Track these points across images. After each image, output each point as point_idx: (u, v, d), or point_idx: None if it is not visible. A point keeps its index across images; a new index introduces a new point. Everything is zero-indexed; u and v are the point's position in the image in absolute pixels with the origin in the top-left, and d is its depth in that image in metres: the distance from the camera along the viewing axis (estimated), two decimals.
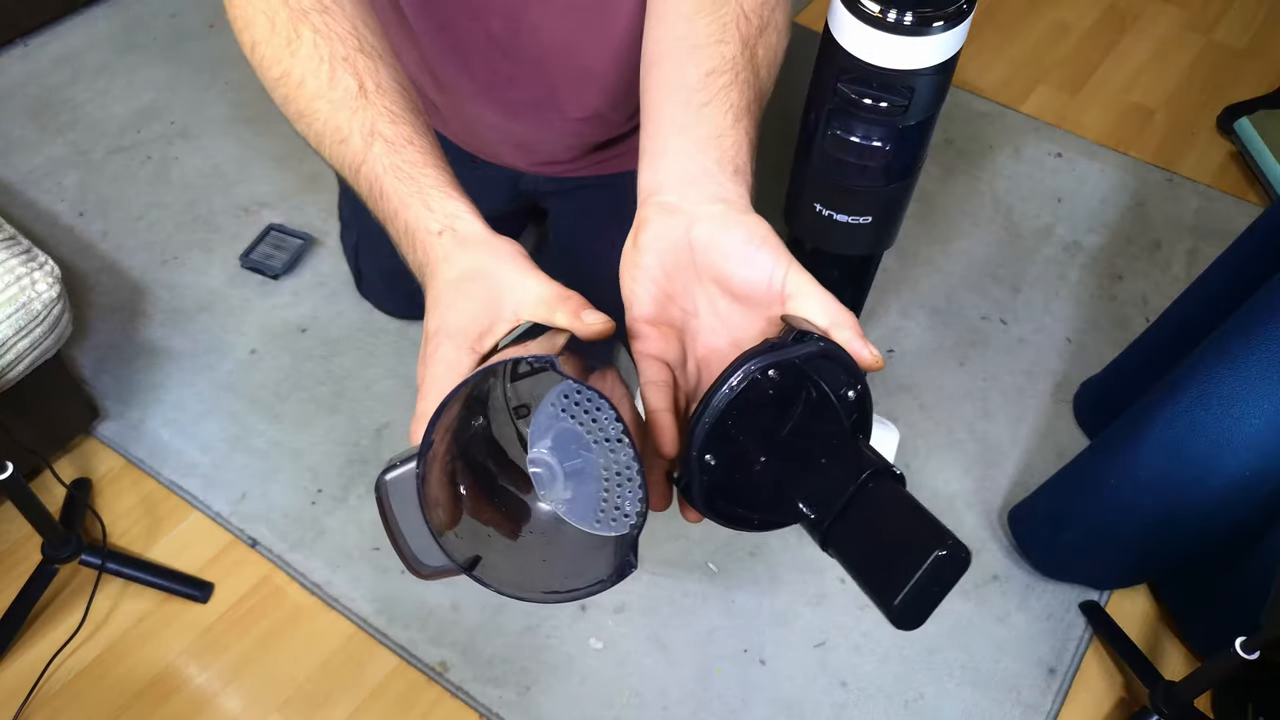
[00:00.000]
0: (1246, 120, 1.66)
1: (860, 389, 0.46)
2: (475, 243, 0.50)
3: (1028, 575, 1.17)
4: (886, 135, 0.82)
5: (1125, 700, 1.09)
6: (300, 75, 0.58)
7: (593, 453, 0.46)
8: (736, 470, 0.46)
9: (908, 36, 0.74)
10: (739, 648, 1.10)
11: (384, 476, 0.46)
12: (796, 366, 0.45)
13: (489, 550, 0.46)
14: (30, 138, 1.59)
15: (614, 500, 0.46)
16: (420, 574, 0.46)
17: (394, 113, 0.56)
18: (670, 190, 0.52)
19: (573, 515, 0.48)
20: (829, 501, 0.44)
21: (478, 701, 1.05)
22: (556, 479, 0.47)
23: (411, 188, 0.53)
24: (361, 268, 1.34)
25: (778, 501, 0.46)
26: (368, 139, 0.55)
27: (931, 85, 0.78)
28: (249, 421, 1.26)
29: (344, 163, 0.57)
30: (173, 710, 1.05)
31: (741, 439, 0.46)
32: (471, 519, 0.47)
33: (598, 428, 0.46)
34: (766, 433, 0.47)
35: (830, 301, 0.47)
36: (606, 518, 0.47)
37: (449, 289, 0.50)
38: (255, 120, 1.63)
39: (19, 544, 1.15)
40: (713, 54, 0.56)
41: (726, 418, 0.44)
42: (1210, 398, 0.91)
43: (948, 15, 0.74)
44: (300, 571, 1.14)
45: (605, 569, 0.45)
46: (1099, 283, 1.48)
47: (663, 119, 0.56)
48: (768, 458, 0.47)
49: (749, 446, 0.47)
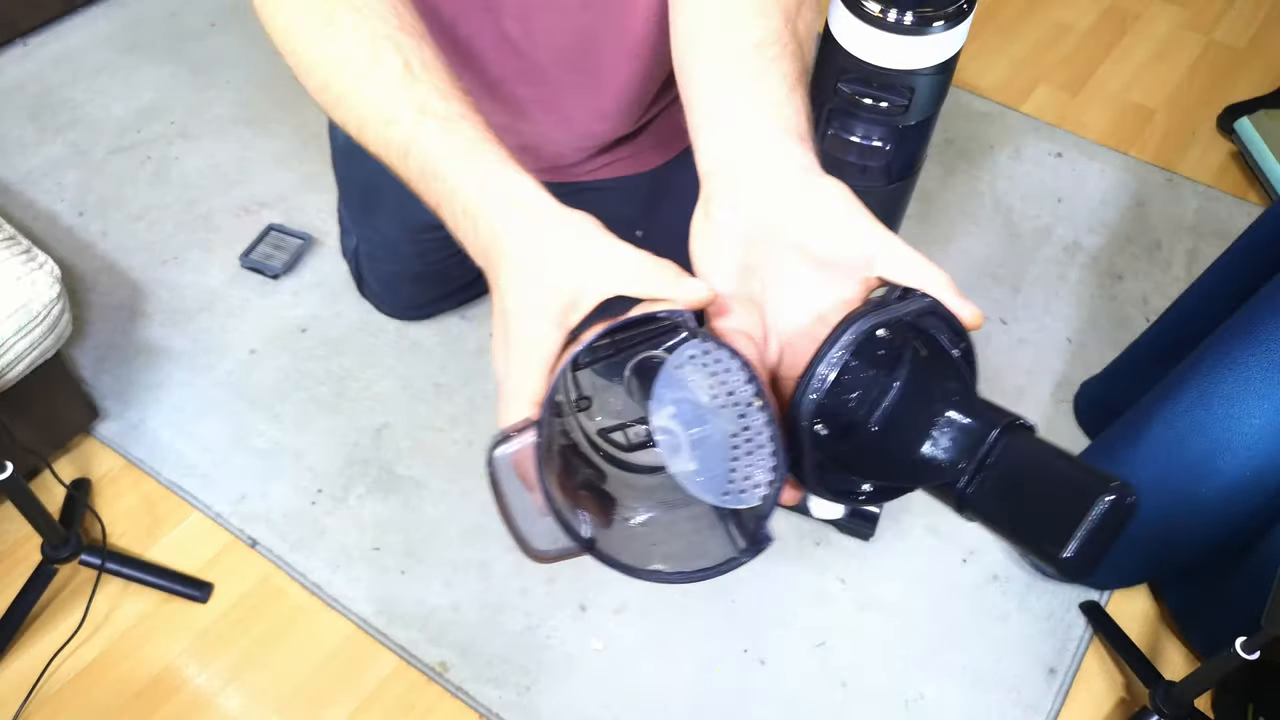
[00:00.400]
0: (1247, 120, 1.66)
1: (965, 346, 0.43)
2: (549, 216, 0.47)
3: (1028, 575, 1.17)
4: (887, 135, 0.82)
5: (1125, 700, 1.09)
6: (341, 56, 0.55)
7: (721, 418, 0.42)
8: (850, 439, 0.43)
9: (908, 36, 0.74)
10: (739, 648, 1.10)
11: (495, 452, 0.41)
12: (907, 324, 0.42)
13: (604, 529, 0.43)
14: (30, 138, 1.59)
15: (744, 470, 0.42)
16: (537, 557, 0.42)
17: (443, 90, 0.53)
18: (740, 159, 0.49)
19: (699, 487, 0.43)
20: (961, 461, 0.42)
21: (477, 702, 1.05)
22: (681, 448, 0.43)
23: (471, 165, 0.49)
24: (362, 272, 1.34)
25: (898, 468, 0.43)
26: (418, 118, 0.52)
27: (932, 85, 0.78)
28: (249, 421, 1.26)
29: (390, 146, 0.53)
30: (172, 710, 1.05)
31: (854, 404, 0.43)
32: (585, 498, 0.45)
33: (726, 390, 0.42)
34: (879, 396, 0.44)
35: (922, 260, 0.44)
36: (735, 489, 0.42)
37: (525, 264, 0.46)
38: (255, 120, 1.63)
39: (18, 544, 1.15)
40: (757, 27, 0.54)
41: (838, 383, 0.41)
42: (1211, 398, 0.91)
43: (948, 15, 0.74)
44: (300, 572, 1.14)
45: (731, 545, 0.42)
46: (1099, 283, 1.48)
47: (715, 92, 0.53)
48: (885, 422, 0.44)
49: (862, 412, 0.44)
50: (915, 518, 1.21)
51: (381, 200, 1.17)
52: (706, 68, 0.55)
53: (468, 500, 1.20)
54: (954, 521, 1.20)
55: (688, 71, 0.56)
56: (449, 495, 1.20)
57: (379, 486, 1.21)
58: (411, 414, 1.27)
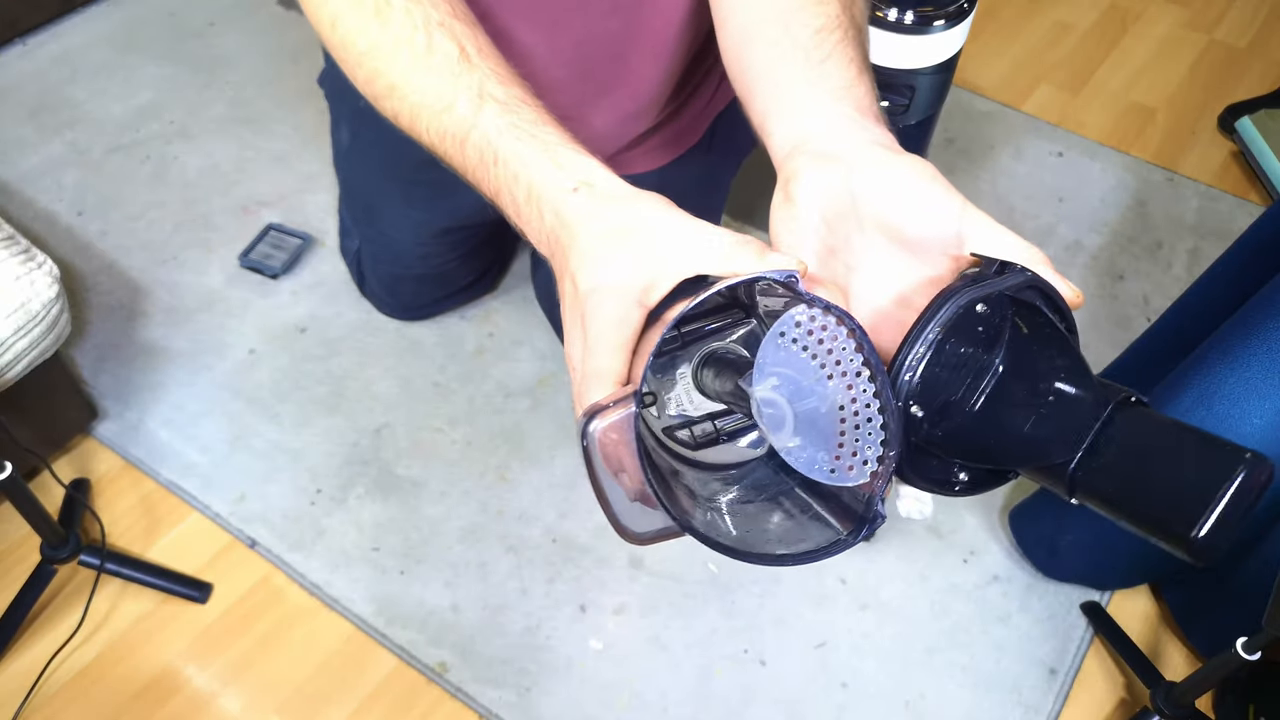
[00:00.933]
0: (1248, 119, 1.66)
1: (1069, 324, 0.40)
2: (622, 196, 0.46)
3: (1029, 576, 1.16)
4: None
5: (1126, 701, 1.09)
6: (393, 45, 0.54)
7: (828, 390, 0.40)
8: (949, 421, 0.41)
9: (908, 35, 0.74)
10: (739, 648, 1.10)
11: (590, 426, 0.39)
12: (1007, 299, 0.39)
13: (692, 511, 0.42)
14: (29, 137, 1.59)
15: (851, 445, 0.40)
16: (634, 539, 0.41)
17: (501, 74, 0.52)
18: (819, 138, 0.47)
19: (804, 464, 0.40)
20: (1072, 441, 0.38)
21: (477, 702, 1.05)
22: (786, 422, 0.40)
23: (535, 146, 0.48)
24: (364, 273, 1.34)
25: (1002, 449, 0.41)
26: (476, 103, 0.51)
27: (932, 84, 0.78)
28: (248, 422, 1.26)
29: (447, 133, 0.52)
30: (172, 711, 1.04)
31: (952, 385, 0.41)
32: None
33: (834, 360, 0.40)
34: (980, 374, 0.41)
35: (1016, 237, 0.42)
36: (843, 465, 0.40)
37: (600, 244, 0.44)
38: (254, 120, 1.63)
39: (18, 544, 1.15)
40: (817, 13, 0.54)
41: (935, 362, 0.39)
42: (1212, 398, 0.91)
43: (948, 14, 0.73)
44: (299, 572, 1.13)
45: (837, 527, 0.40)
46: (1100, 282, 1.48)
47: (783, 80, 0.52)
48: (987, 401, 0.41)
49: (961, 392, 0.41)
50: (916, 518, 1.20)
51: (387, 203, 1.16)
52: (770, 59, 0.53)
53: (467, 500, 1.20)
54: (955, 522, 1.20)
55: (748, 64, 0.55)
56: (448, 495, 1.20)
57: (378, 487, 1.21)
58: (411, 414, 1.27)
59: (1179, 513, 0.35)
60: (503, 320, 1.38)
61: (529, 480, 1.22)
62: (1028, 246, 0.42)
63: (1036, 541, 1.14)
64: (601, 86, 0.91)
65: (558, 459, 1.23)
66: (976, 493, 0.43)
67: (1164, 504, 0.36)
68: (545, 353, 1.35)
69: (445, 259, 1.23)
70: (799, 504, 0.43)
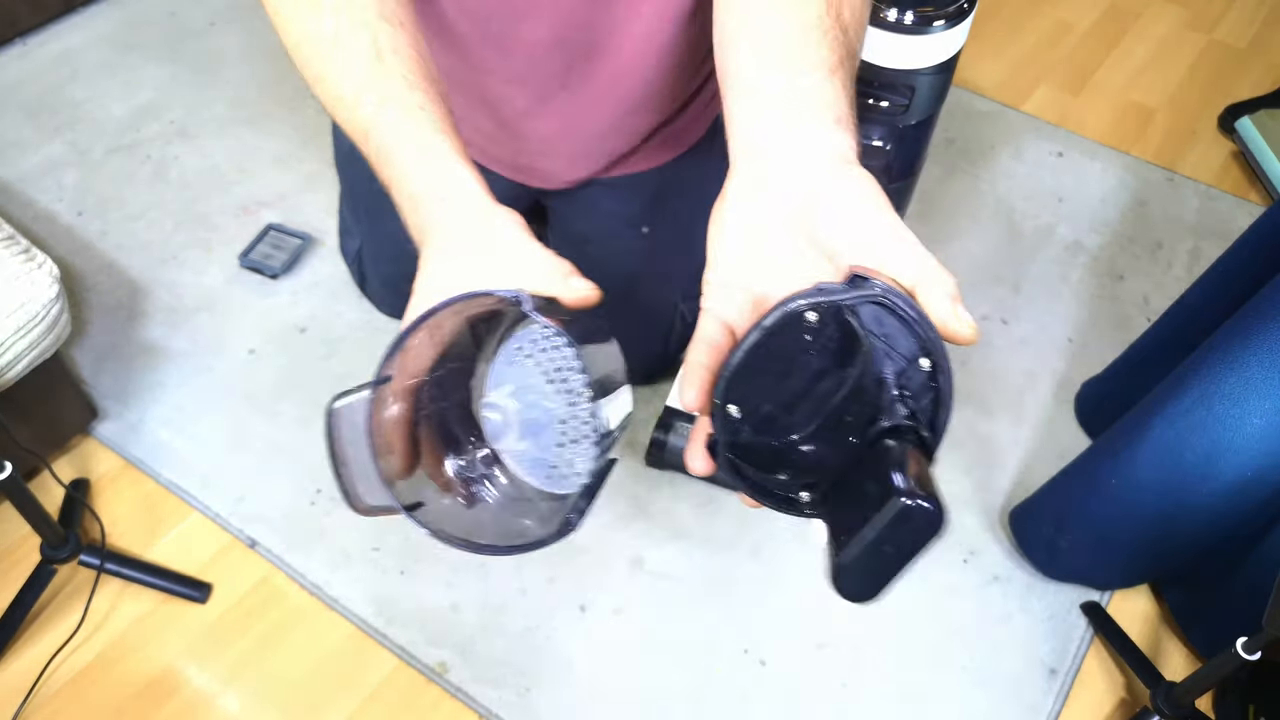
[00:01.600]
0: (1248, 120, 1.66)
1: (934, 356, 0.39)
2: (476, 211, 0.51)
3: (1029, 576, 1.16)
4: (887, 134, 0.82)
5: (1126, 701, 1.09)
6: (318, 37, 0.59)
7: (552, 403, 0.44)
8: (767, 427, 0.42)
9: (909, 36, 0.74)
10: (739, 648, 1.10)
11: (334, 404, 0.46)
12: (839, 312, 0.39)
13: (434, 496, 0.45)
14: (29, 137, 1.59)
15: (568, 456, 0.44)
16: (358, 509, 0.45)
17: (409, 79, 0.56)
18: (772, 145, 0.48)
19: (525, 468, 0.45)
20: (831, 468, 0.40)
21: (477, 702, 1.05)
22: (510, 427, 0.45)
23: (420, 154, 0.53)
24: (365, 272, 1.34)
25: (787, 463, 0.42)
26: (380, 105, 0.55)
27: (932, 84, 0.78)
28: (248, 422, 1.26)
29: (355, 127, 0.57)
30: (172, 711, 1.04)
31: (771, 392, 0.41)
32: (424, 468, 0.47)
33: (560, 378, 0.43)
34: (799, 388, 0.41)
35: (924, 258, 0.42)
36: (559, 474, 0.45)
37: (445, 251, 0.50)
38: (254, 120, 1.63)
39: (17, 544, 1.15)
40: (796, 15, 0.54)
41: (751, 362, 0.40)
42: (1212, 398, 0.91)
43: (948, 15, 0.73)
44: (299, 572, 1.13)
45: (550, 527, 0.43)
46: (1100, 282, 1.48)
47: (753, 77, 0.53)
48: (796, 417, 0.42)
49: (776, 401, 0.42)
50: None
51: (388, 203, 1.16)
52: (745, 57, 0.54)
53: None
54: (955, 522, 1.20)
55: (727, 64, 0.56)
56: None
57: None
58: None
59: (842, 544, 0.37)
60: None
61: None
62: (935, 270, 0.41)
63: (1036, 542, 1.15)
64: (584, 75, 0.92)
65: None
66: (777, 503, 0.43)
67: (842, 535, 0.38)
68: None
69: None
70: (536, 503, 0.46)
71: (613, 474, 0.43)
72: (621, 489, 1.20)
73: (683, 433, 1.18)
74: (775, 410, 0.42)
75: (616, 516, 1.18)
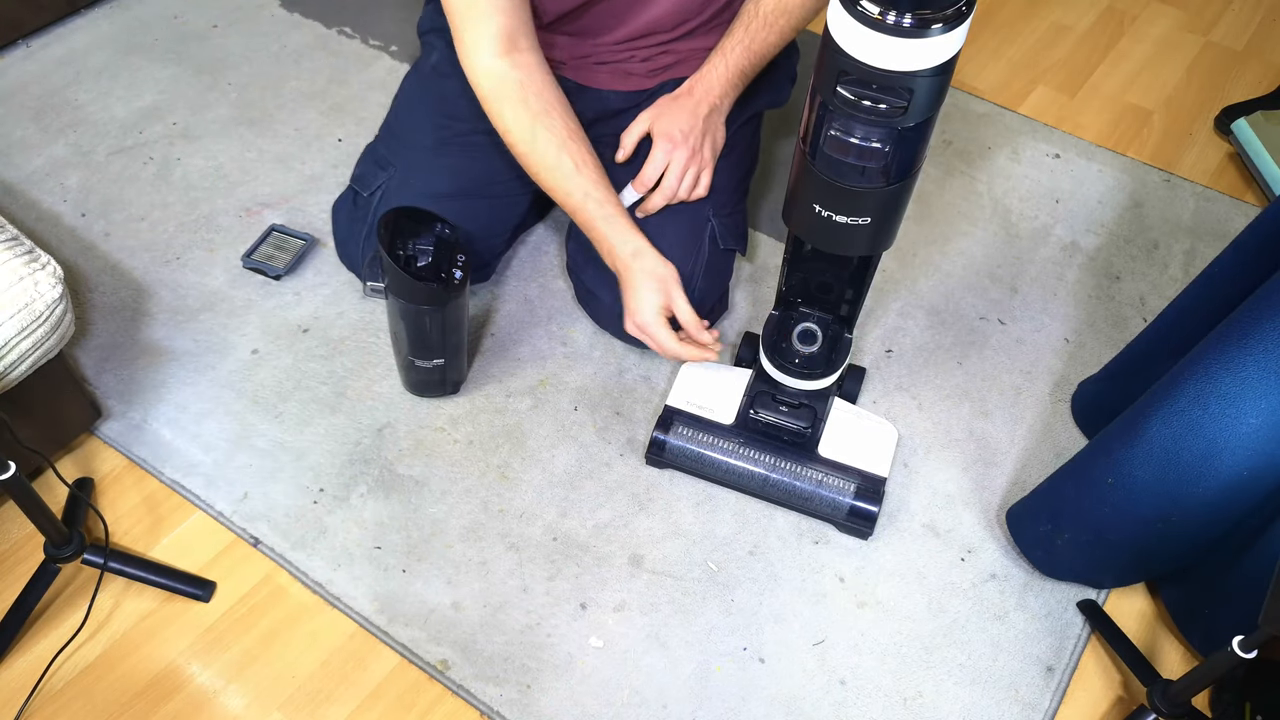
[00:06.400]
0: (1244, 121, 1.66)
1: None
2: (654, 267, 1.15)
3: (1026, 574, 1.17)
4: (886, 136, 0.82)
5: (1123, 699, 1.09)
6: (539, 155, 1.13)
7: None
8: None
9: (907, 38, 0.74)
10: (738, 646, 1.10)
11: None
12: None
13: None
14: (32, 138, 1.60)
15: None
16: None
17: (596, 180, 1.14)
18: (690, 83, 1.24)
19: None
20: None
21: (478, 700, 1.05)
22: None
23: (611, 227, 1.15)
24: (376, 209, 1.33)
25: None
26: (583, 198, 1.14)
27: (931, 87, 0.78)
28: (251, 421, 1.27)
29: (567, 205, 1.16)
30: (174, 709, 1.05)
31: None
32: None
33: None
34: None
35: (658, 162, 1.19)
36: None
37: (643, 284, 1.15)
38: (257, 121, 1.64)
39: (21, 543, 1.16)
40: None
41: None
42: (1208, 398, 0.91)
43: (947, 17, 0.74)
44: (302, 570, 1.14)
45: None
46: (1097, 283, 1.49)
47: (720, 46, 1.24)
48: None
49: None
50: (914, 516, 1.21)
51: (420, 136, 1.32)
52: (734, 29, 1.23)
53: (469, 499, 1.20)
54: (952, 520, 1.21)
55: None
56: (450, 494, 1.21)
57: (380, 486, 1.21)
58: (413, 414, 1.28)
59: None
60: (504, 321, 1.39)
61: (530, 479, 1.23)
62: (647, 167, 1.21)
63: (1034, 540, 1.15)
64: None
65: (558, 458, 1.24)
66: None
67: None
68: (546, 353, 1.35)
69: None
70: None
71: (613, 472, 0.43)
72: (621, 488, 1.21)
73: (683, 433, 1.18)
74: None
75: (616, 515, 1.19)
